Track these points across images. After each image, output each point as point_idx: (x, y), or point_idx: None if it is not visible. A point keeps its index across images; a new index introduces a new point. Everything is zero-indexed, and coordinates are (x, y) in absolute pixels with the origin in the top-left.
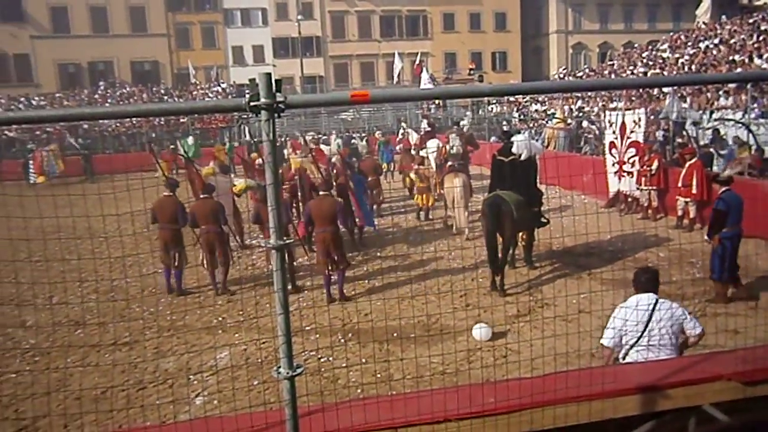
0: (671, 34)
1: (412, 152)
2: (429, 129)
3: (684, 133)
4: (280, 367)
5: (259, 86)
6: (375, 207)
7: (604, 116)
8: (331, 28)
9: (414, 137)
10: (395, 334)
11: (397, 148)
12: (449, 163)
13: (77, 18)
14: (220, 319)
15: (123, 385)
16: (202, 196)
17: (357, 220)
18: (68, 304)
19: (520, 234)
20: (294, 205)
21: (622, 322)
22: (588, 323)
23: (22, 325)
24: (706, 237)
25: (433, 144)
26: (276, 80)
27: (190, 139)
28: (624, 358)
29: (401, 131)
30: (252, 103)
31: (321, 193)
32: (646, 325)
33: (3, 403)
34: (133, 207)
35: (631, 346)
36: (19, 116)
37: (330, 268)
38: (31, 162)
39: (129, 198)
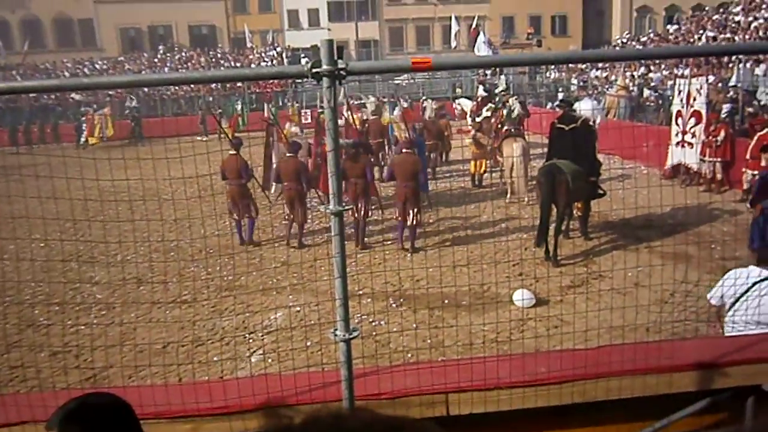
0: None
1: (468, 119)
2: (486, 95)
3: (755, 102)
4: (336, 329)
5: (320, 53)
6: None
7: (671, 84)
8: None
9: (468, 105)
10: (447, 301)
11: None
12: (506, 127)
13: None
14: (276, 280)
15: (182, 341)
16: (287, 155)
17: None
18: (132, 262)
19: (576, 204)
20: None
21: (728, 287)
22: (645, 297)
23: (89, 280)
24: (747, 205)
25: (487, 111)
26: (338, 47)
27: (239, 105)
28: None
29: (455, 102)
30: (314, 70)
31: (404, 150)
32: (742, 295)
33: (73, 353)
34: (193, 170)
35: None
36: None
37: (406, 220)
38: (84, 125)
39: (194, 161)
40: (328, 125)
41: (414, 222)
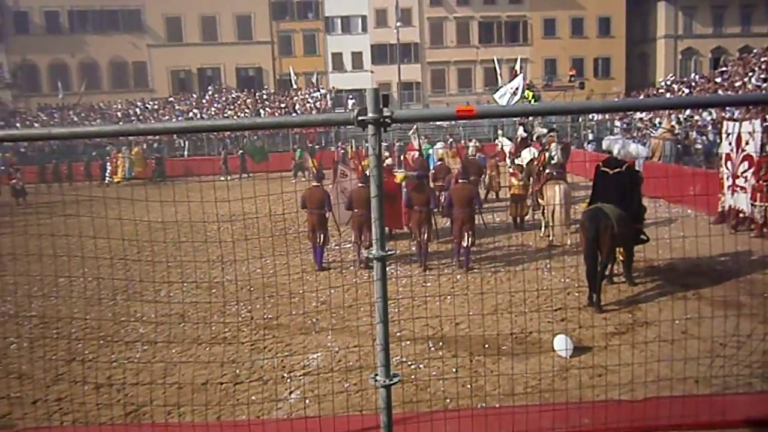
0: None
1: (508, 160)
2: (525, 136)
3: None
4: (376, 374)
5: (366, 100)
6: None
7: (719, 126)
8: (429, 34)
9: (508, 146)
10: (487, 346)
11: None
12: (547, 171)
13: (189, 27)
14: (315, 320)
15: (222, 378)
16: (359, 185)
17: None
18: (175, 299)
19: (619, 249)
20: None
21: None
22: (694, 347)
23: (134, 315)
24: None
25: (526, 153)
26: (383, 95)
27: (259, 143)
28: None
29: (497, 140)
30: (360, 118)
31: (460, 180)
32: None
33: (116, 387)
34: (237, 209)
35: None
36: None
37: (462, 242)
38: (108, 164)
39: (241, 200)
40: (372, 172)
41: (469, 243)
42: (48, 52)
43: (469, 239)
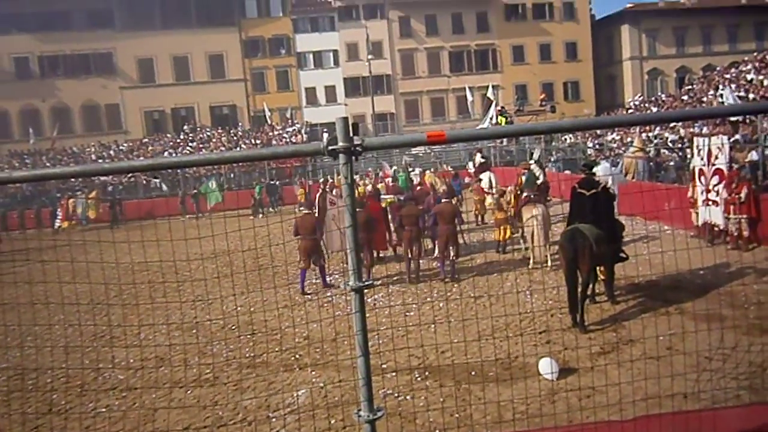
0: (755, 54)
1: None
2: (482, 161)
3: None
4: (360, 410)
5: (336, 130)
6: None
7: (689, 143)
8: (401, 65)
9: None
10: (473, 373)
11: (466, 180)
12: (525, 193)
13: (162, 68)
14: (298, 356)
15: (204, 422)
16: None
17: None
18: (153, 342)
19: (600, 268)
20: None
21: None
22: (680, 362)
23: (110, 362)
24: None
25: (485, 176)
26: (353, 123)
27: (213, 183)
28: None
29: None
30: (330, 147)
31: (444, 200)
32: None
33: None
34: (208, 248)
35: None
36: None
37: (447, 255)
38: (59, 210)
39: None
40: (345, 201)
41: (454, 257)
42: (18, 98)
43: (454, 251)
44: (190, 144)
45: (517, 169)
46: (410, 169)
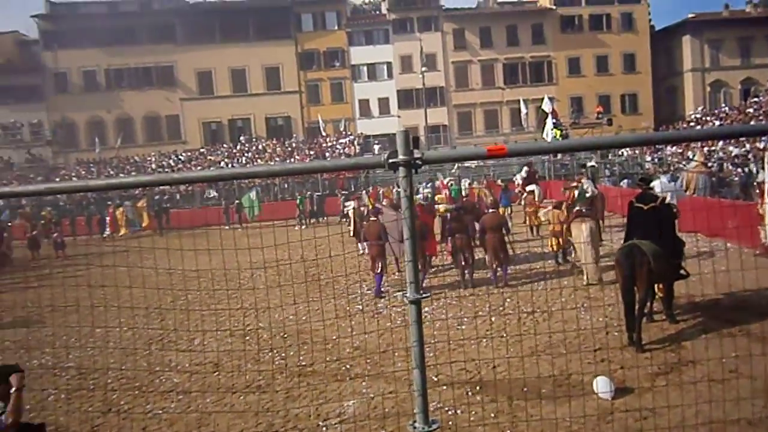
0: None
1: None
2: (525, 176)
3: None
4: (415, 421)
5: (397, 143)
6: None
7: (754, 158)
8: (454, 77)
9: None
10: (527, 389)
11: (516, 191)
12: (576, 207)
13: (220, 80)
14: (348, 366)
15: (257, 427)
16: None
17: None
18: (209, 348)
19: (659, 286)
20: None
21: None
22: (746, 387)
23: (168, 365)
24: None
25: (533, 188)
26: (413, 137)
27: (253, 194)
28: None
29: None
30: (391, 160)
31: (490, 210)
32: None
33: None
34: (257, 257)
35: None
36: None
37: (496, 263)
38: (107, 218)
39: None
40: (404, 213)
41: (504, 264)
42: (85, 109)
43: (504, 258)
44: (246, 154)
45: (565, 181)
46: (460, 181)
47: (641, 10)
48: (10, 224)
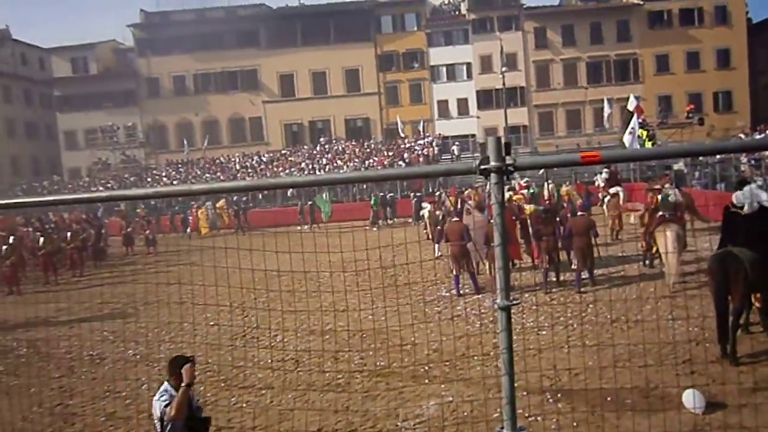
0: None
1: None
2: (608, 178)
3: None
4: (502, 428)
5: (488, 149)
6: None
7: None
8: (535, 77)
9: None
10: (609, 399)
11: (600, 194)
12: (660, 213)
13: (301, 82)
14: (427, 368)
15: (336, 425)
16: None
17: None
18: (290, 345)
19: (755, 295)
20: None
21: None
22: None
23: (251, 360)
24: None
25: (617, 191)
26: (505, 143)
27: (325, 195)
28: None
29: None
30: (483, 167)
31: (579, 213)
32: None
33: (235, 430)
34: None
35: None
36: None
37: (583, 267)
38: (189, 217)
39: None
40: (496, 220)
41: (589, 267)
42: (175, 112)
43: (589, 263)
44: (326, 155)
45: (650, 183)
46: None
47: (737, 3)
48: (107, 221)
